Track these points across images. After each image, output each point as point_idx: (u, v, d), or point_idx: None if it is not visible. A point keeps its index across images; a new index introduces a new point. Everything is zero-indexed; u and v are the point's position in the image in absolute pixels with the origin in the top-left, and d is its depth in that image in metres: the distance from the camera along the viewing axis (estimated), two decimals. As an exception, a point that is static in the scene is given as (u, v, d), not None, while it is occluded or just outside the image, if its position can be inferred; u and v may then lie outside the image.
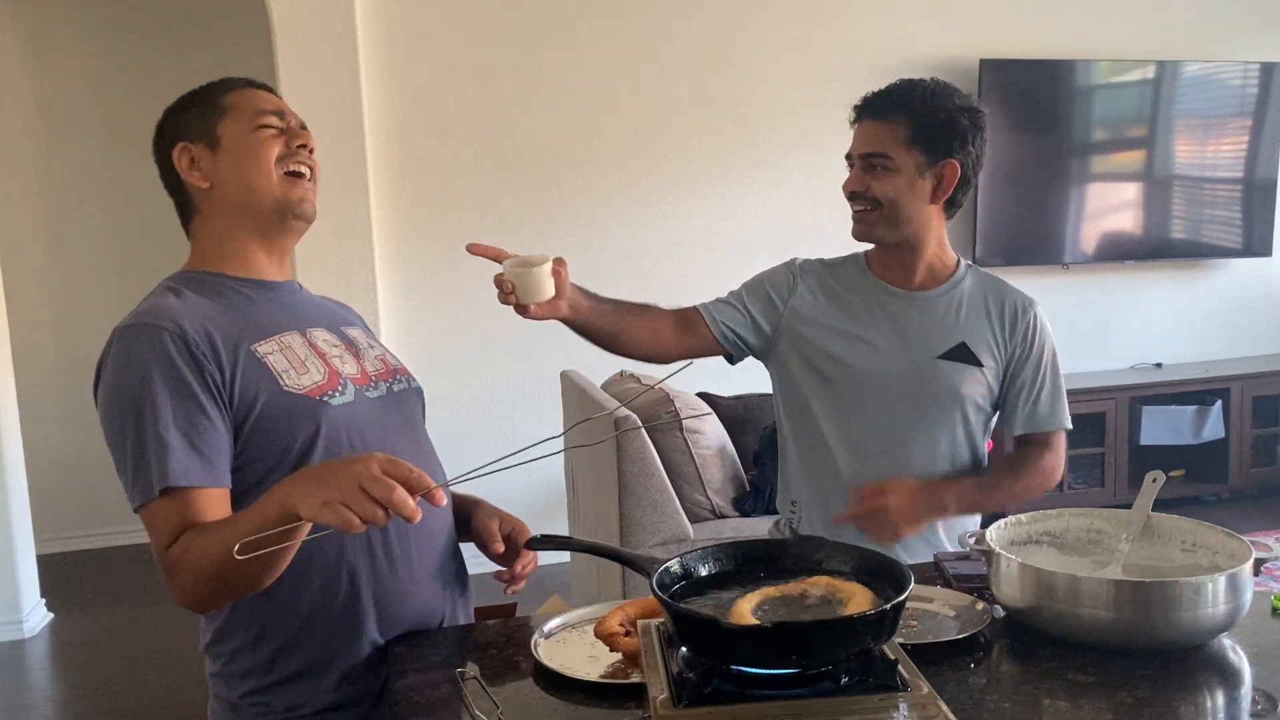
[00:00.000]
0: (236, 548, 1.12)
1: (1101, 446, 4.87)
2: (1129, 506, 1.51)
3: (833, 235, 4.73)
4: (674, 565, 1.14)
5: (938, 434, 1.85)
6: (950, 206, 1.87)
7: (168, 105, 1.54)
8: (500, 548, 1.56)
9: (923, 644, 1.31)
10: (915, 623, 1.39)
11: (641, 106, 4.56)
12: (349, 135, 3.98)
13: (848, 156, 1.87)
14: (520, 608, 1.72)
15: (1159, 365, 5.24)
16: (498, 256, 1.64)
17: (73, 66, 4.98)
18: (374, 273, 4.17)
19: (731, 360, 1.97)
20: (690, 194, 4.63)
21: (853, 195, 1.84)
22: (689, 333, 1.90)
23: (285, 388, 1.38)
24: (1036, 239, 5.05)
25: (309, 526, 1.18)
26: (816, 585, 1.12)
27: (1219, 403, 4.94)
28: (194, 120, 1.49)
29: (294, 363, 1.42)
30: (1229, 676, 1.27)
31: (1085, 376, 5.08)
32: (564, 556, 3.69)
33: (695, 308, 1.92)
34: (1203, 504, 5.03)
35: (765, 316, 1.91)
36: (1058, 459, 1.92)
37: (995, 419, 1.93)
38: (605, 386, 3.42)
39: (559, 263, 1.67)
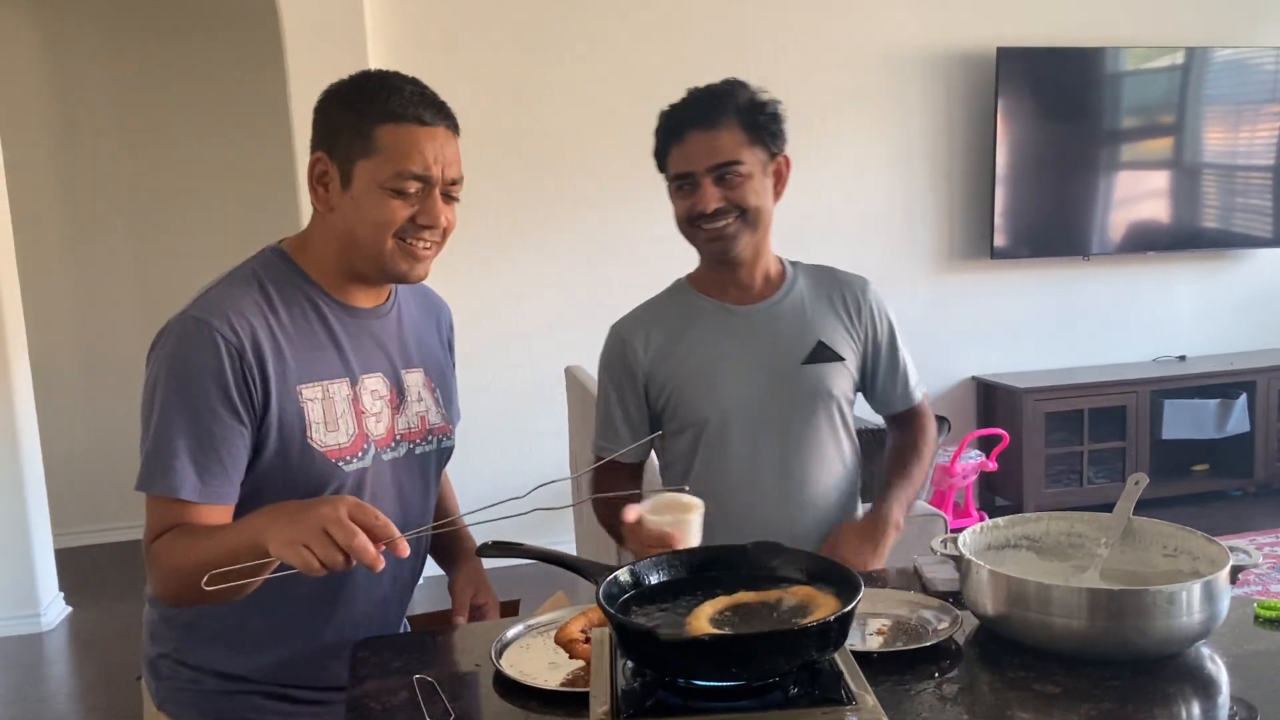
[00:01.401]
0: (205, 579, 1.14)
1: (1122, 440, 4.80)
2: (1151, 501, 1.47)
3: (846, 225, 4.75)
4: (623, 574, 1.12)
5: (823, 437, 1.80)
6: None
7: (345, 79, 1.43)
8: (462, 621, 1.55)
9: (890, 651, 1.29)
10: (884, 629, 1.37)
11: (652, 101, 4.49)
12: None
13: (678, 177, 1.74)
14: (523, 605, 1.72)
15: (1182, 358, 5.14)
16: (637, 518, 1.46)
17: (90, 65, 5.02)
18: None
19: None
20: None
21: (714, 213, 1.70)
22: (637, 474, 1.89)
23: (310, 440, 1.38)
24: (1058, 230, 4.97)
25: (277, 562, 1.19)
26: (794, 594, 1.10)
27: (1244, 396, 4.85)
28: (343, 136, 1.39)
29: (329, 417, 1.41)
30: (1205, 686, 1.23)
31: (1106, 369, 5.00)
32: (571, 549, 3.68)
33: (607, 463, 1.77)
34: (1227, 499, 4.95)
35: (641, 403, 1.82)
36: (933, 420, 1.96)
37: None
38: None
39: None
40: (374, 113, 1.38)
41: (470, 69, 4.36)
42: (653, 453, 1.95)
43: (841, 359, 1.80)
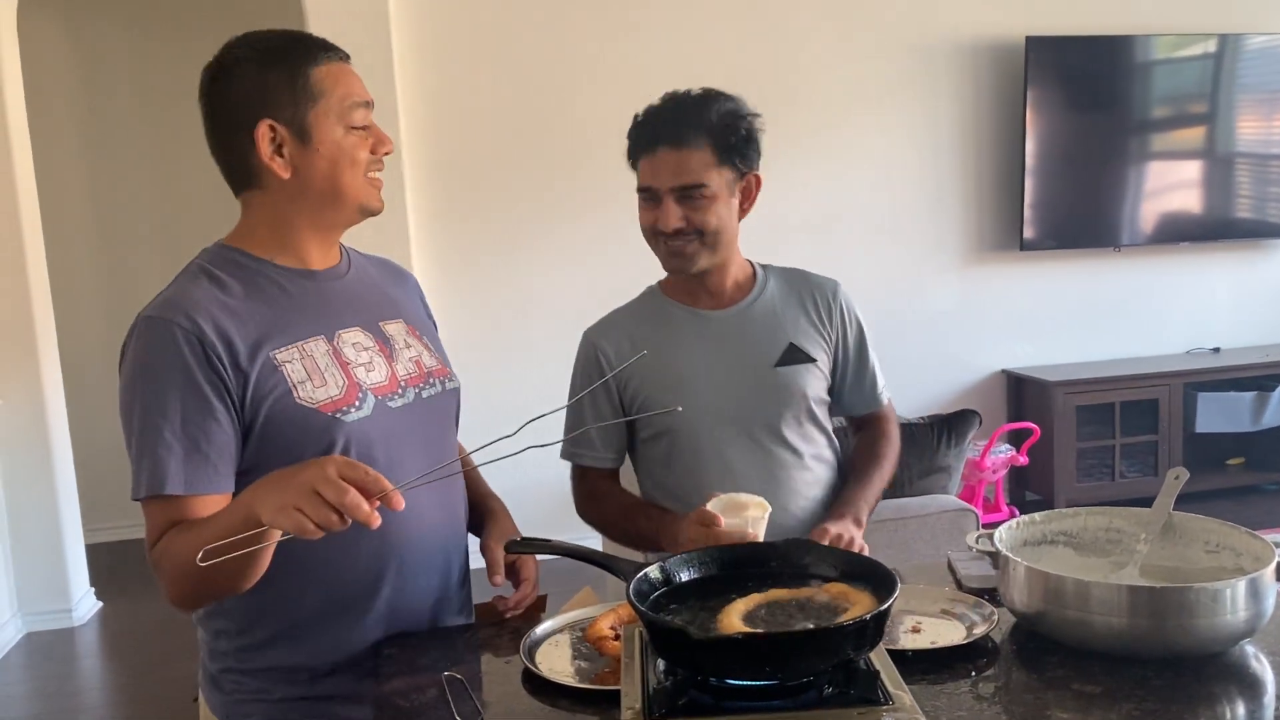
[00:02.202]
0: (200, 555, 1.11)
1: (1155, 434, 4.74)
2: (1184, 496, 1.44)
3: (873, 215, 4.71)
4: (654, 571, 1.10)
5: (798, 438, 1.78)
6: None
7: (232, 50, 1.42)
8: (500, 581, 1.52)
9: (926, 649, 1.26)
10: (920, 626, 1.34)
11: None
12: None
13: (644, 189, 1.74)
14: (550, 600, 1.70)
15: (1216, 350, 5.07)
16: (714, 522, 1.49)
17: (118, 68, 5.06)
18: (409, 262, 4.18)
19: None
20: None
21: (674, 232, 1.70)
22: (614, 478, 1.89)
23: (299, 400, 1.35)
24: (1088, 221, 4.91)
25: (277, 533, 1.16)
26: (827, 591, 1.08)
27: (1279, 388, 4.77)
28: (281, 95, 1.37)
29: (312, 373, 1.38)
30: (1251, 685, 1.20)
31: (1137, 362, 4.94)
32: (597, 545, 3.67)
33: (586, 470, 1.86)
34: (1263, 493, 4.87)
35: (616, 408, 1.81)
36: (895, 422, 1.95)
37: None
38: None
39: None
40: (296, 58, 1.39)
41: (495, 59, 4.35)
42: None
43: (813, 360, 1.79)
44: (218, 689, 1.47)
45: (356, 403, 1.40)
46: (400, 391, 1.47)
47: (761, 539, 1.46)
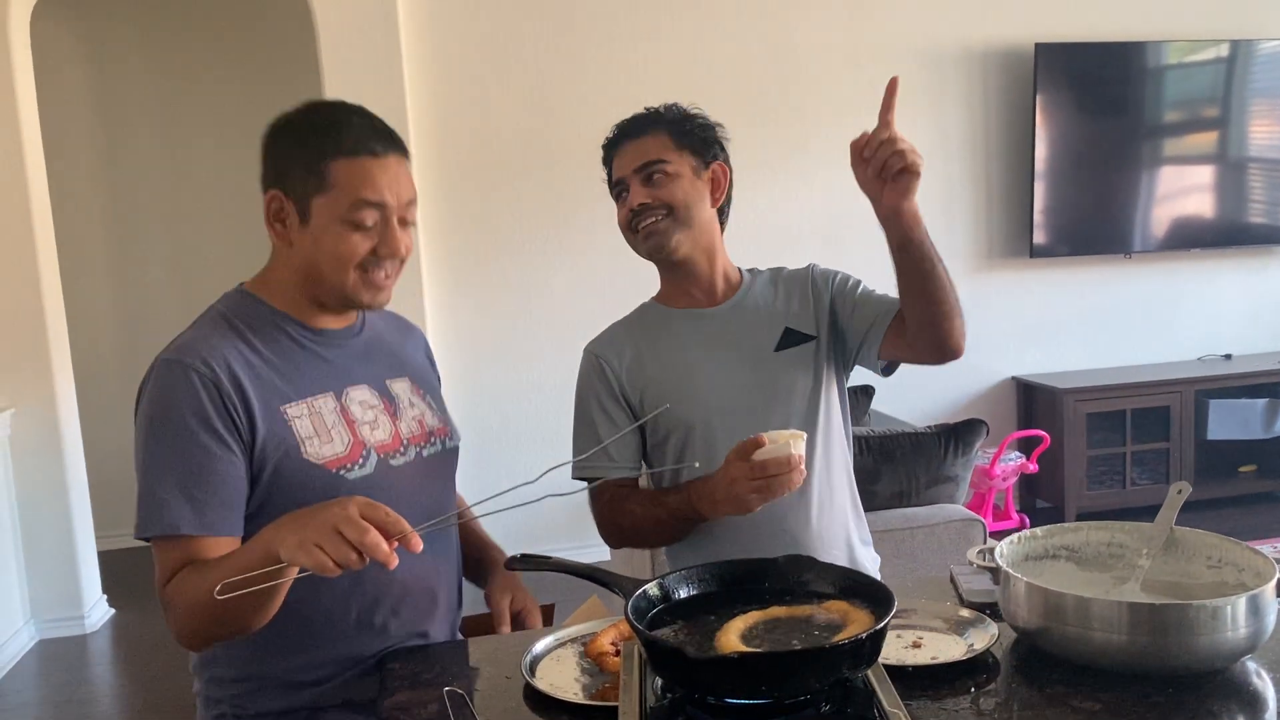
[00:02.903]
0: (217, 589, 1.13)
1: (1166, 441, 4.72)
2: (1196, 504, 1.43)
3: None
4: (652, 588, 1.11)
5: (809, 420, 1.77)
6: (721, 215, 1.83)
7: (291, 112, 1.45)
8: (506, 630, 1.55)
9: (926, 665, 1.27)
10: (921, 641, 1.34)
11: (685, 97, 4.49)
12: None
13: (616, 183, 1.80)
14: (558, 610, 1.71)
15: (1228, 357, 5.04)
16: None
17: (129, 70, 5.09)
18: (420, 270, 4.19)
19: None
20: (736, 183, 4.57)
21: (640, 209, 1.74)
22: (634, 486, 1.84)
23: (305, 455, 1.39)
24: (1098, 227, 4.90)
25: (294, 570, 1.17)
26: (827, 610, 1.08)
27: (1292, 395, 4.75)
28: (295, 173, 1.41)
29: (319, 430, 1.41)
30: (1251, 703, 1.20)
31: (1148, 369, 4.92)
32: (605, 555, 3.68)
33: (605, 485, 1.79)
34: (1275, 500, 4.85)
35: (625, 416, 1.80)
36: None
37: (857, 357, 1.82)
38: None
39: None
40: (325, 148, 1.39)
41: (505, 66, 4.37)
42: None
43: (813, 337, 1.80)
44: None
45: (360, 460, 1.43)
46: (402, 450, 1.50)
47: (803, 458, 1.43)
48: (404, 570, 1.41)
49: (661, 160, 1.74)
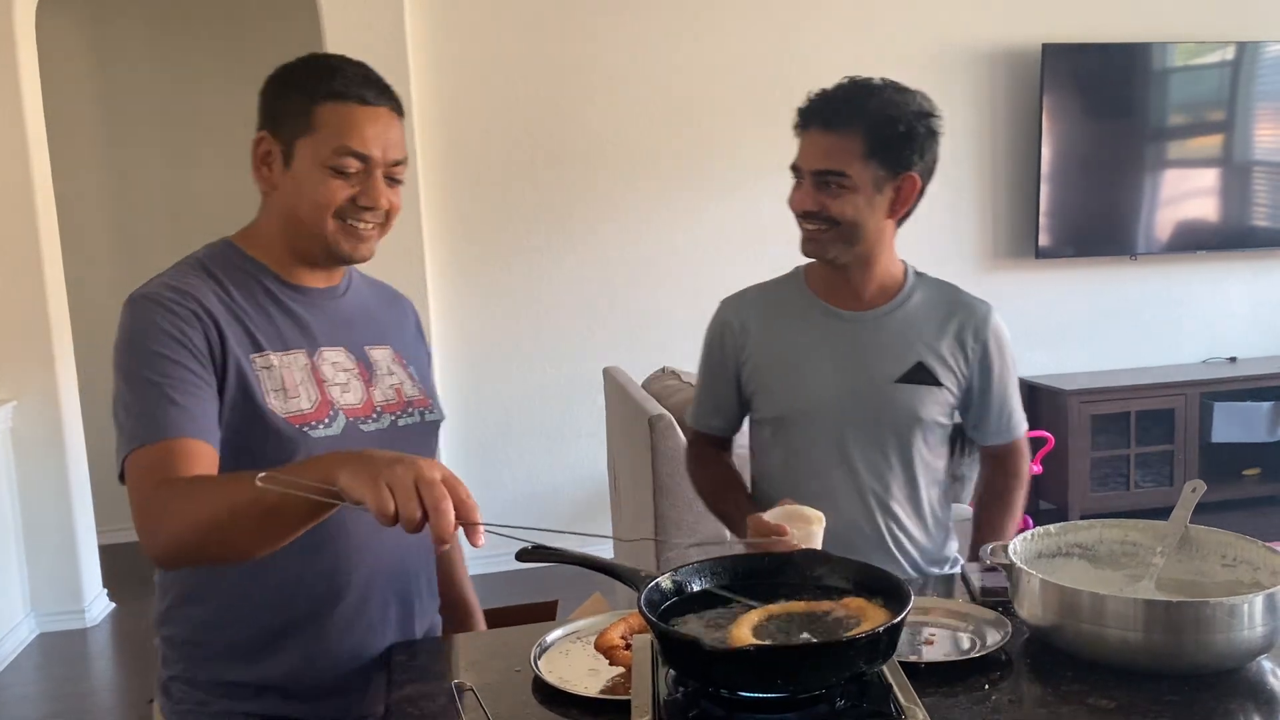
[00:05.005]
0: (260, 476, 1.07)
1: (1171, 444, 4.71)
2: (1199, 506, 1.42)
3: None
4: (665, 581, 1.10)
5: (902, 458, 1.75)
6: (903, 217, 1.75)
7: (292, 62, 1.43)
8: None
9: (939, 662, 1.26)
10: (933, 638, 1.33)
11: (693, 99, 4.50)
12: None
13: (794, 167, 1.72)
14: (561, 606, 1.70)
15: (1233, 359, 5.03)
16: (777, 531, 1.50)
17: (135, 67, 5.07)
18: (424, 268, 4.18)
19: None
20: (741, 187, 4.56)
21: (805, 214, 1.69)
22: (726, 448, 1.92)
23: (269, 405, 1.34)
24: (1104, 229, 4.89)
25: (337, 506, 1.10)
26: (840, 605, 1.07)
27: (1297, 398, 4.74)
28: (286, 114, 1.39)
29: (287, 385, 1.37)
30: (1267, 702, 1.19)
31: (1153, 371, 4.91)
32: (609, 551, 3.67)
33: (700, 434, 1.90)
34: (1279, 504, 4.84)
35: (731, 382, 1.83)
36: (1029, 459, 1.92)
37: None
38: (646, 384, 3.39)
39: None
40: (316, 91, 1.38)
41: (510, 65, 4.36)
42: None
43: (939, 385, 1.73)
44: (167, 695, 1.48)
45: (327, 419, 1.39)
46: (375, 416, 1.46)
47: (811, 538, 1.48)
48: (367, 554, 1.41)
49: (842, 174, 1.64)
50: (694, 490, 1.95)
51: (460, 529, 1.04)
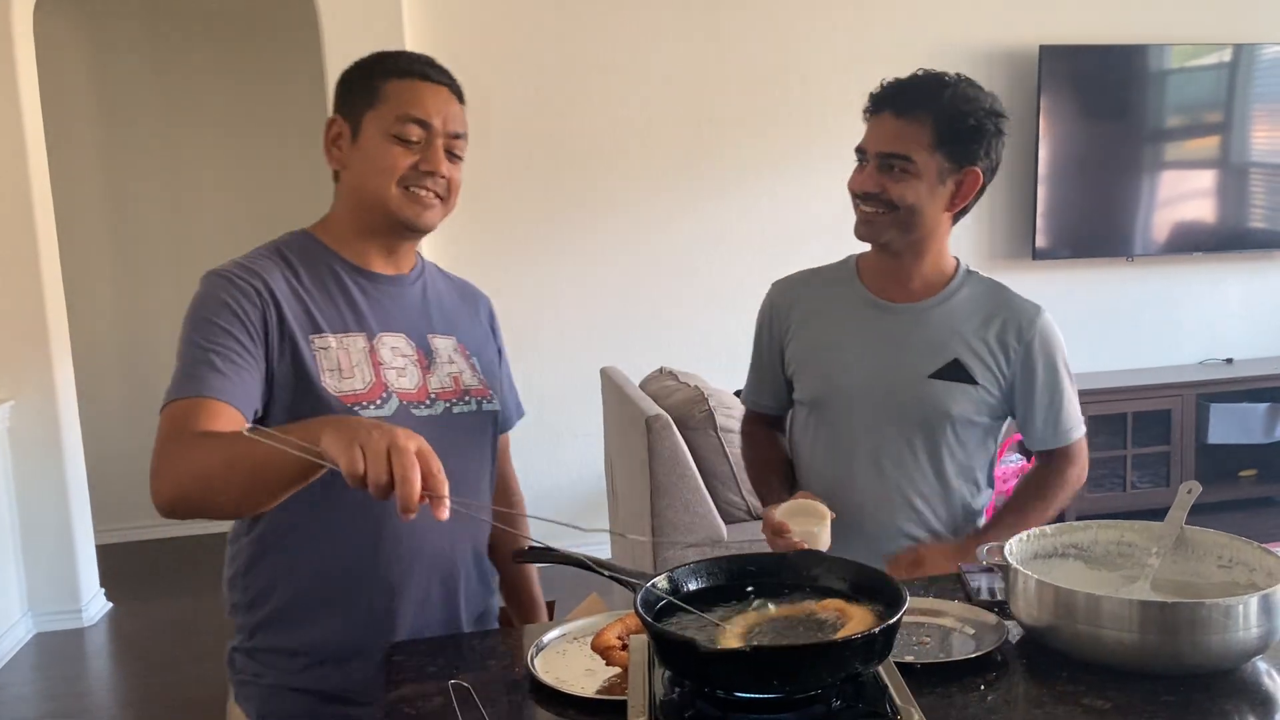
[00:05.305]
0: (247, 427, 1.15)
1: (1166, 445, 4.71)
2: (1196, 507, 1.43)
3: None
4: (661, 581, 1.10)
5: (928, 453, 1.75)
6: (961, 213, 1.76)
7: (364, 57, 1.54)
8: None
9: (933, 662, 1.26)
10: (928, 639, 1.34)
11: (690, 98, 4.50)
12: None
13: (859, 150, 1.73)
14: (558, 606, 1.70)
15: (1229, 361, 5.04)
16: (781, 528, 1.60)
17: (132, 66, 5.08)
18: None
19: None
20: (740, 185, 4.57)
21: (865, 195, 1.71)
22: (777, 426, 1.97)
23: (323, 384, 1.40)
24: (1101, 230, 4.89)
25: (318, 471, 1.14)
26: (825, 609, 1.07)
27: (1293, 400, 4.75)
28: (354, 95, 1.49)
29: (343, 365, 1.43)
30: (1262, 703, 1.19)
31: (1149, 373, 4.92)
32: (605, 551, 3.67)
33: (752, 412, 1.99)
34: (1276, 505, 4.85)
35: (775, 363, 1.89)
36: (1082, 466, 1.84)
37: (1005, 425, 1.84)
38: (643, 384, 3.39)
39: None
40: (382, 70, 1.49)
41: (508, 65, 4.36)
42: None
43: (975, 383, 1.73)
44: (231, 666, 1.55)
45: (380, 400, 1.43)
46: (428, 402, 1.49)
47: (822, 548, 1.55)
48: (405, 530, 1.44)
49: (908, 158, 1.66)
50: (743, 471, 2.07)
51: (427, 501, 1.06)
